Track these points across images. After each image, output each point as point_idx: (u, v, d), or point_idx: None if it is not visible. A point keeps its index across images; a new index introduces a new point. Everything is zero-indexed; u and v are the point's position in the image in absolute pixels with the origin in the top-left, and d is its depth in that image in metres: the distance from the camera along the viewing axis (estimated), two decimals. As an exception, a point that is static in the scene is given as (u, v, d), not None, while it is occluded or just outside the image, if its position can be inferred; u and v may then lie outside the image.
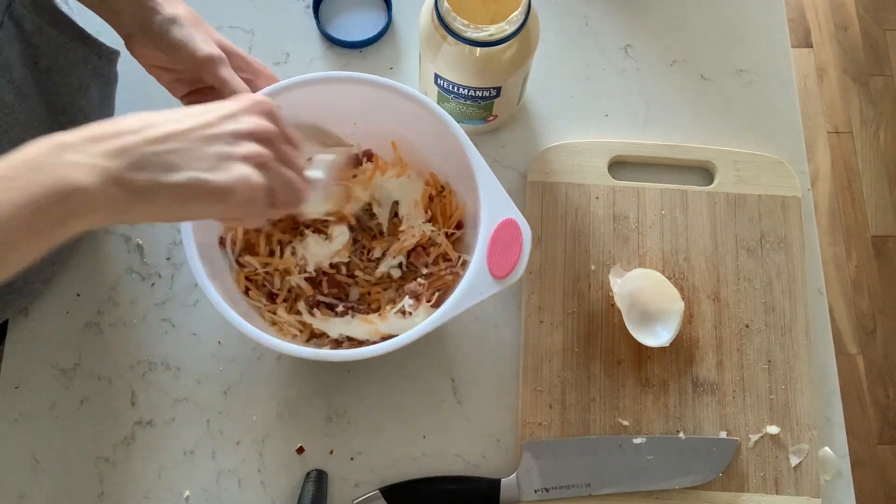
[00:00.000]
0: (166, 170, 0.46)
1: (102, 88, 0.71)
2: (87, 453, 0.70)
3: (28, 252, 0.44)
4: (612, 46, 0.86)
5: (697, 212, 0.78)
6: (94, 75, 0.68)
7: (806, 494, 0.70)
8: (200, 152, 0.48)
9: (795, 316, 0.75)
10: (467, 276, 0.60)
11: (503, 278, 0.60)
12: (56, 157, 0.44)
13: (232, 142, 0.49)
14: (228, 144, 0.49)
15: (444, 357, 0.74)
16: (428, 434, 0.72)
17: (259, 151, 0.50)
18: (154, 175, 0.46)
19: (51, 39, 0.63)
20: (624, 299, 0.72)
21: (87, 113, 0.68)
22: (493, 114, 0.77)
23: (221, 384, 0.73)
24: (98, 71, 0.69)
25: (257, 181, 0.49)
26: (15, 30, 0.60)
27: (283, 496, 0.70)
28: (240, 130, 0.50)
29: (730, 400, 0.72)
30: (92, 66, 0.68)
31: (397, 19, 0.85)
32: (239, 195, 0.48)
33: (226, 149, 0.48)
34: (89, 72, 0.67)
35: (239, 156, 0.49)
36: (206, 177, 0.47)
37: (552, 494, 0.69)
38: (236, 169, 0.48)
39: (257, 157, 0.50)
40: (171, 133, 0.47)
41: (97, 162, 0.44)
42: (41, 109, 0.63)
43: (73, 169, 0.44)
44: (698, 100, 0.84)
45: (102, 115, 0.71)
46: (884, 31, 1.88)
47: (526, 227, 0.61)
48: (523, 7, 0.66)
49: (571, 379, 0.73)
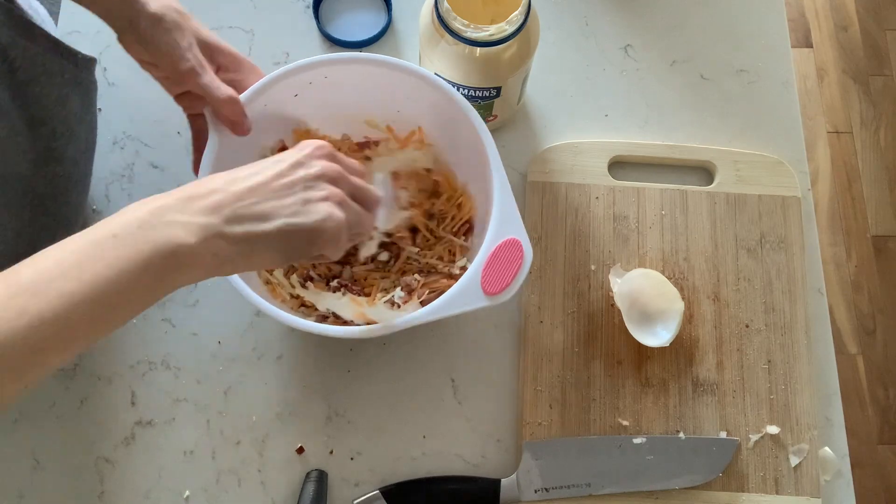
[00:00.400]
0: (260, 220, 0.51)
1: (82, 97, 0.70)
2: (87, 453, 0.70)
3: (132, 307, 0.47)
4: (612, 46, 0.86)
5: (697, 212, 0.78)
6: (73, 84, 0.68)
7: (806, 494, 0.70)
8: (285, 200, 0.52)
9: (795, 316, 0.75)
10: (459, 284, 0.60)
11: (493, 295, 0.60)
12: (159, 217, 0.47)
13: (308, 186, 0.53)
14: (306, 189, 0.53)
15: (444, 357, 0.74)
16: (428, 434, 0.72)
17: (334, 191, 0.54)
18: (250, 226, 0.50)
19: (27, 52, 0.62)
20: (624, 299, 0.72)
21: (69, 123, 0.67)
22: (493, 114, 0.77)
23: (221, 384, 0.73)
24: (76, 80, 0.68)
25: (339, 217, 0.53)
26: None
27: (283, 496, 0.70)
28: (312, 174, 0.54)
29: (730, 400, 0.72)
30: (70, 75, 0.67)
31: (397, 19, 0.85)
32: (327, 233, 0.52)
33: (306, 194, 0.53)
34: (67, 82, 0.67)
35: (318, 198, 0.53)
36: (296, 220, 0.52)
37: (552, 494, 0.69)
38: (320, 209, 0.53)
39: (334, 197, 0.54)
40: (254, 186, 0.52)
41: (197, 220, 0.48)
42: (20, 124, 0.62)
43: (176, 228, 0.47)
44: (698, 100, 0.84)
45: (84, 124, 0.71)
46: (884, 31, 1.88)
47: (529, 251, 0.62)
48: (523, 7, 0.66)
49: (571, 379, 0.73)
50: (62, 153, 0.67)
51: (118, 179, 0.79)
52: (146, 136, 0.80)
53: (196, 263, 0.48)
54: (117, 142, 0.80)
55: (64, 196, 0.69)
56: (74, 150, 0.69)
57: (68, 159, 0.68)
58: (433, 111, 0.69)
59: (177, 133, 0.80)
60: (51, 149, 0.66)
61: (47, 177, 0.66)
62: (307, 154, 0.55)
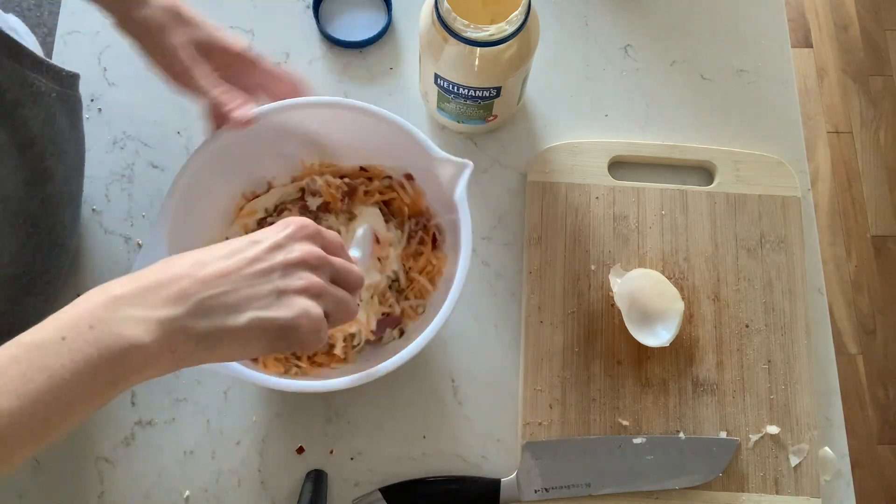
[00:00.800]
0: (228, 312, 0.46)
1: (69, 115, 0.69)
2: (87, 453, 0.70)
3: (81, 414, 0.42)
4: (612, 46, 0.86)
5: (697, 212, 0.78)
6: (59, 103, 0.67)
7: (806, 494, 0.70)
8: (257, 290, 0.47)
9: (795, 316, 0.75)
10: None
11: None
12: (112, 313, 0.43)
13: (285, 274, 0.48)
14: (282, 278, 0.48)
15: (444, 357, 0.74)
16: (428, 434, 0.72)
17: (314, 282, 0.49)
18: (216, 320, 0.45)
19: (13, 73, 0.61)
20: (624, 299, 0.72)
21: (58, 142, 0.66)
22: (493, 114, 0.77)
23: (221, 384, 0.73)
24: (62, 98, 0.67)
25: (317, 312, 0.48)
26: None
27: (283, 496, 0.70)
28: (290, 260, 0.49)
29: (730, 400, 0.72)
30: (56, 94, 0.66)
31: (397, 19, 0.85)
32: (303, 329, 0.48)
33: (281, 283, 0.48)
34: (54, 101, 0.66)
35: (295, 289, 0.48)
36: (268, 314, 0.46)
37: (552, 494, 0.69)
38: (296, 304, 0.47)
39: (313, 287, 0.49)
40: (223, 271, 0.46)
41: (156, 314, 0.44)
42: (9, 146, 0.61)
43: (130, 324, 0.43)
44: (698, 100, 0.84)
45: (73, 142, 0.70)
46: (884, 31, 1.88)
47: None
48: (523, 7, 0.66)
49: (571, 379, 0.73)
50: (52, 172, 0.65)
51: (118, 179, 0.79)
52: (146, 136, 0.80)
53: (152, 363, 0.44)
54: (117, 142, 0.80)
55: (57, 215, 0.68)
56: (64, 168, 0.68)
57: (59, 178, 0.67)
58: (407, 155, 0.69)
59: (177, 133, 0.80)
60: (41, 169, 0.64)
61: (39, 197, 0.65)
62: (288, 235, 0.50)
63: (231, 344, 0.46)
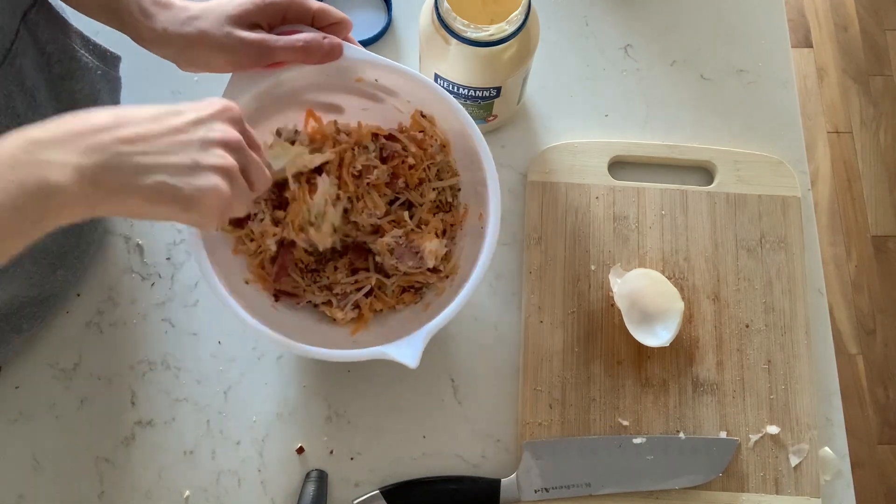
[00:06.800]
0: (138, 172, 0.46)
1: (111, 93, 0.71)
2: (87, 453, 0.70)
3: (4, 252, 0.44)
4: (612, 46, 0.86)
5: (697, 212, 0.78)
6: (103, 80, 0.69)
7: (806, 494, 0.70)
8: (171, 158, 0.48)
9: (795, 316, 0.75)
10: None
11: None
12: (32, 155, 0.43)
13: (202, 149, 0.49)
14: (198, 152, 0.49)
15: (444, 357, 0.74)
16: (428, 434, 0.72)
17: (227, 163, 0.50)
18: (126, 177, 0.46)
19: (64, 47, 0.63)
20: (624, 299, 0.72)
21: None
22: (493, 114, 0.77)
23: (221, 384, 0.73)
24: (106, 76, 0.69)
25: (224, 192, 0.49)
26: (30, 38, 0.60)
27: (283, 496, 0.70)
28: (210, 138, 0.50)
29: (730, 400, 0.72)
30: (100, 71, 0.68)
31: (397, 19, 0.85)
32: (205, 205, 0.48)
33: (196, 157, 0.48)
34: (99, 78, 0.68)
35: (208, 165, 0.49)
36: (176, 183, 0.47)
37: (552, 494, 0.69)
38: (205, 179, 0.48)
39: (225, 169, 0.50)
40: (144, 135, 0.47)
41: (73, 160, 0.44)
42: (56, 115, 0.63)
43: (51, 168, 0.44)
44: (698, 100, 0.84)
45: None
46: (884, 31, 1.88)
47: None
48: (523, 7, 0.66)
49: (571, 379, 0.73)
50: None
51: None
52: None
53: (70, 206, 0.45)
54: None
55: None
56: None
57: None
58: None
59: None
60: None
61: None
62: (211, 114, 0.51)
63: (140, 203, 0.47)
